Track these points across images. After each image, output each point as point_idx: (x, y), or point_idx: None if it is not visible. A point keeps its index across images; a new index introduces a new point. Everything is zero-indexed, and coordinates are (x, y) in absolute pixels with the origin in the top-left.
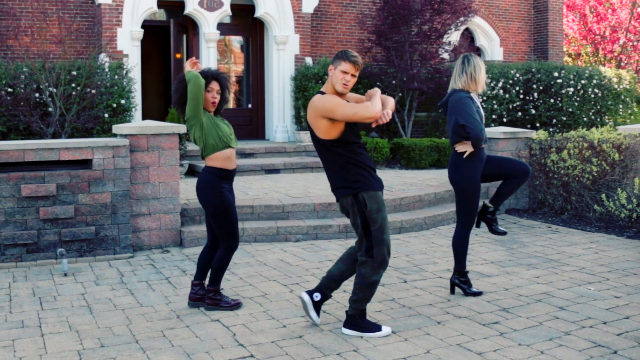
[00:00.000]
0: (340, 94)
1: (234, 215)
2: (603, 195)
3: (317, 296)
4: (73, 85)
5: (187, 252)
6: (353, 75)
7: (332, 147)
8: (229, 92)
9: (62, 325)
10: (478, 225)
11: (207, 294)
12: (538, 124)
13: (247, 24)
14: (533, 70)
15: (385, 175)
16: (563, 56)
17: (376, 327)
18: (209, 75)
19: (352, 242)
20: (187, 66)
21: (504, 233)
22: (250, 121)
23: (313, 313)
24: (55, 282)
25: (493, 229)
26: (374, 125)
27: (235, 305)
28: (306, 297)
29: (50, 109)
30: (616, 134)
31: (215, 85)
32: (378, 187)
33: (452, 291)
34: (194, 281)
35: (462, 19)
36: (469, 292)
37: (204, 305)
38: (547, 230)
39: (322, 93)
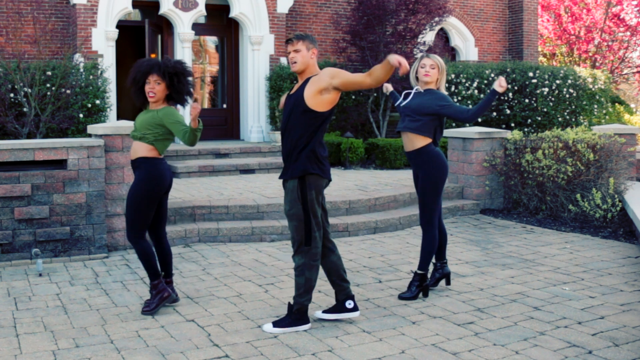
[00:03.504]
0: (298, 75)
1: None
2: (578, 195)
3: (350, 303)
4: (48, 85)
5: None
6: (296, 51)
7: None
8: (183, 85)
9: (37, 326)
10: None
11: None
12: (513, 124)
13: (222, 24)
14: (508, 70)
15: (360, 175)
16: (538, 56)
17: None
18: (147, 69)
19: None
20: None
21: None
22: (225, 121)
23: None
24: (30, 282)
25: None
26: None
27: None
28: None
29: (25, 109)
30: (591, 134)
31: (152, 77)
32: None
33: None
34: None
35: (437, 19)
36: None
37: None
38: (522, 230)
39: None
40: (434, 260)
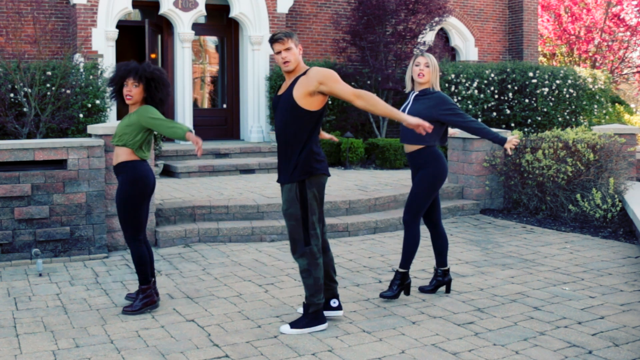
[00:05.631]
0: (287, 73)
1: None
2: (578, 196)
3: (335, 302)
4: (48, 85)
5: (162, 252)
6: (287, 50)
7: None
8: (158, 91)
9: (37, 326)
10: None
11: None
12: (513, 124)
13: (222, 24)
14: (508, 70)
15: (360, 175)
16: (538, 56)
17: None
18: (123, 74)
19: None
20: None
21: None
22: (225, 121)
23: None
24: (30, 282)
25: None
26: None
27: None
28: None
29: (25, 109)
30: (591, 134)
31: (129, 80)
32: None
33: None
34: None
35: (436, 19)
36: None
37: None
38: (522, 230)
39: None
40: (434, 265)
